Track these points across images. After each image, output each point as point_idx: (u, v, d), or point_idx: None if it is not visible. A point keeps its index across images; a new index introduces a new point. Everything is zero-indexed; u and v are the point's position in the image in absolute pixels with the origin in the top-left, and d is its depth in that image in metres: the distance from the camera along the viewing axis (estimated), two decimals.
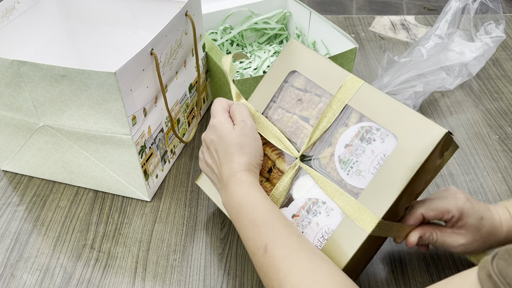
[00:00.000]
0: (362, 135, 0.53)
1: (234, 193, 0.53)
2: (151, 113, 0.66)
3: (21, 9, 0.76)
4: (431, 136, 0.48)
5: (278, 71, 0.61)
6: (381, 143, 0.52)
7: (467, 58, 0.92)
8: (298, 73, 0.60)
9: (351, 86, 0.55)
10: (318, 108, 0.58)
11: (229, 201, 0.54)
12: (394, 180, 0.49)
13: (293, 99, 0.60)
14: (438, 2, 2.91)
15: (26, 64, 0.57)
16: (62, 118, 0.63)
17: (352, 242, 0.50)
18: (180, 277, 0.61)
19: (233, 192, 0.53)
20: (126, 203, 0.71)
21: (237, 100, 0.62)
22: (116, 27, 0.85)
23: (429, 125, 0.49)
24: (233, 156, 0.55)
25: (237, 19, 0.99)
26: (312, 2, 2.89)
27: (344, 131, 0.54)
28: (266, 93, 0.61)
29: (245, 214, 0.51)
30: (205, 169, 0.60)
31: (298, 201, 0.56)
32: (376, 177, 0.51)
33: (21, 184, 0.74)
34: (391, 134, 0.51)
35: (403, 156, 0.49)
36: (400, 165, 0.49)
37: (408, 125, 0.50)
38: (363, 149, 0.53)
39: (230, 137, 0.55)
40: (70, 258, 0.63)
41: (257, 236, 0.50)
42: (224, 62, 0.64)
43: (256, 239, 0.50)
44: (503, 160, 0.78)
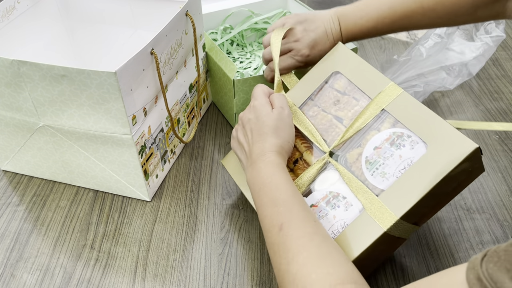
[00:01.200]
0: (393, 140, 0.55)
1: (261, 171, 0.54)
2: (151, 113, 0.66)
3: (21, 9, 0.76)
4: (462, 148, 0.49)
5: (321, 71, 0.65)
6: (410, 150, 0.54)
7: (467, 57, 0.92)
8: (341, 75, 0.63)
9: (391, 93, 0.58)
10: (354, 111, 0.61)
11: (254, 178, 0.55)
12: (417, 185, 0.50)
13: (330, 99, 0.63)
14: None
15: (26, 64, 0.57)
16: (62, 118, 0.62)
17: (367, 237, 0.52)
18: (180, 277, 0.61)
19: (259, 170, 0.55)
20: (126, 203, 0.71)
21: (277, 90, 0.66)
22: (116, 27, 0.85)
23: (461, 138, 0.50)
24: (266, 136, 0.57)
25: (237, 19, 0.99)
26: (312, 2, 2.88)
27: (375, 134, 0.57)
28: (305, 90, 0.65)
29: (267, 192, 0.53)
30: (236, 146, 0.62)
31: (319, 193, 0.58)
32: (399, 180, 0.52)
33: (21, 184, 0.74)
34: (422, 142, 0.53)
35: (431, 164, 0.51)
36: (426, 171, 0.51)
37: (440, 135, 0.51)
38: (392, 153, 0.55)
39: (267, 118, 0.58)
40: (70, 258, 0.63)
41: (275, 214, 0.51)
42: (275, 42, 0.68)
43: (273, 217, 0.50)
44: (503, 160, 0.78)
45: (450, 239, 0.65)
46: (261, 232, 0.66)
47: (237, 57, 0.96)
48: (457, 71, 0.91)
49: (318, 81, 0.64)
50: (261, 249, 0.64)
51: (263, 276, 0.61)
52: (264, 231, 0.52)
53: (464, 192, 0.72)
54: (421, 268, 0.61)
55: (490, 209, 0.69)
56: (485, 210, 0.69)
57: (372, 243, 0.51)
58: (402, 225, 0.52)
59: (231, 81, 0.75)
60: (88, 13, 0.85)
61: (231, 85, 0.76)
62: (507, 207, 0.69)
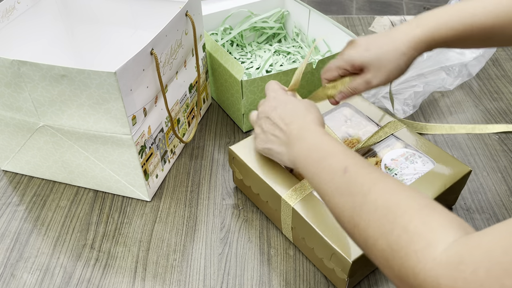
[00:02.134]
0: (407, 156, 0.67)
1: (308, 138, 0.53)
2: (151, 113, 0.66)
3: (21, 9, 0.76)
4: (462, 168, 0.64)
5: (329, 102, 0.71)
6: (422, 165, 0.65)
7: (467, 58, 0.92)
8: (349, 105, 0.75)
9: (396, 125, 0.70)
10: (365, 130, 0.71)
11: (300, 148, 0.53)
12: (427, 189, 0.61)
13: (340, 119, 0.73)
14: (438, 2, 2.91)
15: (26, 64, 0.57)
16: (62, 118, 0.63)
17: None
18: (180, 277, 0.61)
19: (306, 137, 0.53)
20: (126, 203, 0.71)
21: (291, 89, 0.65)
22: (116, 27, 0.85)
23: (458, 162, 0.65)
24: (302, 113, 0.56)
25: (236, 19, 0.99)
26: (312, 2, 2.89)
27: (390, 150, 0.68)
28: None
29: (322, 154, 0.50)
30: (264, 138, 0.59)
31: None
32: (415, 183, 0.62)
33: (21, 184, 0.74)
34: (431, 161, 0.65)
35: (438, 175, 0.63)
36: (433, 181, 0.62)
37: (443, 159, 0.65)
38: (407, 166, 0.65)
39: (294, 101, 0.58)
40: (70, 258, 0.63)
41: (334, 162, 0.47)
42: None
43: (333, 164, 0.47)
44: (503, 160, 0.78)
45: None
46: (261, 232, 0.66)
47: (238, 57, 0.96)
48: (457, 71, 0.91)
49: (327, 107, 0.73)
50: (261, 249, 0.64)
51: (263, 276, 0.61)
52: (321, 184, 0.48)
53: (464, 192, 0.72)
54: None
55: (490, 209, 0.69)
56: (485, 210, 0.69)
57: None
58: None
59: (238, 82, 0.75)
60: (88, 13, 0.85)
61: (238, 86, 0.76)
62: (507, 207, 0.69)
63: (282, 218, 0.62)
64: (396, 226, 0.38)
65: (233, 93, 0.80)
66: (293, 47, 0.99)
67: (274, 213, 0.64)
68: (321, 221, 0.56)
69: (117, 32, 0.86)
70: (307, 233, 0.58)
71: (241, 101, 0.78)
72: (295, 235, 0.62)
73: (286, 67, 0.91)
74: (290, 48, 0.97)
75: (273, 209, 0.64)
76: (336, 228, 0.55)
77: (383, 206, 0.41)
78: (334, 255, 0.54)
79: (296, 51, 0.97)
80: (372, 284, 0.60)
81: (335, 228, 0.55)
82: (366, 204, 0.42)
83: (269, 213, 0.66)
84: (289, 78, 0.79)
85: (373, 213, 0.41)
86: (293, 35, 1.01)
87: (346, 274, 0.54)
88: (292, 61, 0.94)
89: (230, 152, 0.68)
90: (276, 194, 0.61)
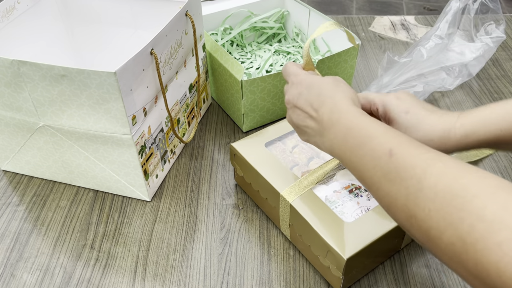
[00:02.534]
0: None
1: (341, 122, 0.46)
2: (151, 113, 0.66)
3: (21, 9, 0.76)
4: None
5: None
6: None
7: (467, 58, 0.92)
8: None
9: None
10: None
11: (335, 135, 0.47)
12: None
13: None
14: (438, 2, 2.91)
15: (26, 64, 0.57)
16: (62, 118, 0.63)
17: None
18: (180, 277, 0.61)
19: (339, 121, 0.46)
20: (126, 203, 0.71)
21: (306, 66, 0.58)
22: (116, 27, 0.85)
23: None
24: (330, 93, 0.49)
25: (236, 19, 0.99)
26: (312, 2, 2.89)
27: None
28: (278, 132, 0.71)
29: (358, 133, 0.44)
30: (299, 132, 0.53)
31: (340, 183, 0.63)
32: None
33: (21, 184, 0.74)
34: None
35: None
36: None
37: None
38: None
39: (320, 81, 0.51)
40: (70, 258, 0.63)
41: (376, 145, 0.42)
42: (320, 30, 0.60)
43: (375, 148, 0.41)
44: (503, 160, 0.78)
45: None
46: (261, 232, 0.66)
47: (238, 57, 0.96)
48: (457, 71, 0.91)
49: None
50: (261, 249, 0.64)
51: (263, 276, 0.61)
52: (364, 171, 0.42)
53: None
54: (421, 268, 0.61)
55: None
56: None
57: None
58: None
59: (238, 82, 0.75)
60: (88, 13, 0.85)
61: (238, 86, 0.76)
62: None
63: (281, 215, 0.63)
64: (467, 213, 0.32)
65: (233, 93, 0.80)
66: (293, 47, 0.99)
67: (273, 211, 0.64)
68: (318, 218, 0.57)
69: (117, 32, 0.86)
70: (304, 230, 0.58)
71: (241, 101, 0.78)
72: (293, 233, 0.62)
73: None
74: (290, 48, 0.97)
75: (272, 206, 0.64)
76: (332, 225, 0.56)
77: (445, 191, 0.34)
78: (330, 252, 0.54)
79: (296, 51, 0.97)
80: (372, 284, 0.60)
81: (332, 225, 0.56)
82: (423, 190, 0.36)
83: (269, 211, 0.66)
84: None
85: (433, 200, 0.35)
86: (293, 35, 1.01)
87: (340, 272, 0.54)
88: (292, 61, 0.94)
89: (231, 149, 0.68)
90: (275, 191, 0.61)
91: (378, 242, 0.55)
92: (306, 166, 0.65)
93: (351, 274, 0.56)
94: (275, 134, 0.70)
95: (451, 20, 0.89)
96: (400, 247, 0.62)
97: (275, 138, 0.69)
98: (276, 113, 0.83)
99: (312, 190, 0.60)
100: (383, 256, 0.61)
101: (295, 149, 0.68)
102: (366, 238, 0.54)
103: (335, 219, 0.56)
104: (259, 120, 0.83)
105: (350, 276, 0.56)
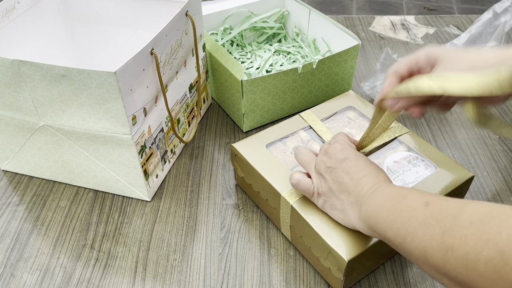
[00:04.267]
0: (409, 159, 0.66)
1: (382, 191, 0.49)
2: (151, 113, 0.66)
3: (21, 9, 0.76)
4: (464, 173, 0.63)
5: (335, 104, 0.75)
6: (424, 169, 0.65)
7: None
8: (354, 108, 0.75)
9: (401, 130, 0.70)
10: None
11: (373, 202, 0.49)
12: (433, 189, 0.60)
13: (344, 121, 0.73)
14: (438, 2, 2.91)
15: (26, 64, 0.57)
16: (62, 117, 0.63)
17: None
18: (180, 277, 0.61)
19: (380, 191, 0.49)
20: (126, 203, 0.71)
21: (360, 147, 0.62)
22: (116, 27, 0.85)
23: (461, 168, 0.64)
24: (375, 170, 0.53)
25: (236, 19, 0.99)
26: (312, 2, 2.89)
27: (392, 153, 0.67)
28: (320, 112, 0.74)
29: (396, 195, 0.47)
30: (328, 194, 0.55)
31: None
32: (417, 185, 0.61)
33: (21, 184, 0.74)
34: (433, 166, 0.65)
35: (441, 180, 0.62)
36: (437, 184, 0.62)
37: (446, 164, 0.64)
38: (409, 168, 0.65)
39: (365, 157, 0.55)
40: (70, 258, 0.63)
41: (412, 201, 0.44)
42: None
43: (412, 203, 0.43)
44: (503, 160, 0.78)
45: None
46: (261, 232, 0.66)
47: (238, 57, 0.96)
48: None
49: (331, 110, 0.74)
50: (261, 249, 0.64)
51: (263, 276, 0.61)
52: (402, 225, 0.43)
53: None
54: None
55: None
56: None
57: None
58: None
59: (239, 82, 0.75)
60: (88, 13, 0.85)
61: (239, 86, 0.76)
62: None
63: (281, 216, 0.62)
64: (504, 228, 0.33)
65: (233, 93, 0.80)
66: (293, 47, 0.99)
67: (273, 212, 0.64)
68: (319, 219, 0.57)
69: (117, 32, 0.86)
70: (304, 231, 0.58)
71: (241, 101, 0.78)
72: (293, 234, 0.62)
73: (286, 67, 0.91)
74: (290, 48, 0.97)
75: (272, 207, 0.64)
76: (333, 226, 0.56)
77: (481, 219, 0.35)
78: (331, 253, 0.54)
79: (296, 51, 0.97)
80: (372, 285, 0.60)
81: (333, 227, 0.56)
82: (458, 222, 0.37)
83: (269, 212, 0.66)
84: (289, 78, 0.79)
85: (469, 227, 0.35)
86: (293, 35, 1.01)
87: (342, 273, 0.54)
88: (292, 61, 0.94)
89: (232, 150, 0.68)
90: (275, 192, 0.61)
91: (379, 243, 0.55)
92: None
93: (352, 275, 0.56)
94: (276, 135, 0.70)
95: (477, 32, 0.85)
96: None
97: (276, 139, 0.69)
98: (276, 113, 0.83)
99: None
100: (384, 257, 0.61)
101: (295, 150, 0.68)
102: (368, 240, 0.54)
103: (336, 221, 0.56)
104: (259, 120, 0.83)
105: (351, 277, 0.56)
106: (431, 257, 0.38)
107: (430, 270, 0.40)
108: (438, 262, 0.38)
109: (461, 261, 0.35)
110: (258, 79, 0.76)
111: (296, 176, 0.58)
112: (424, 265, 0.40)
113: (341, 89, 0.88)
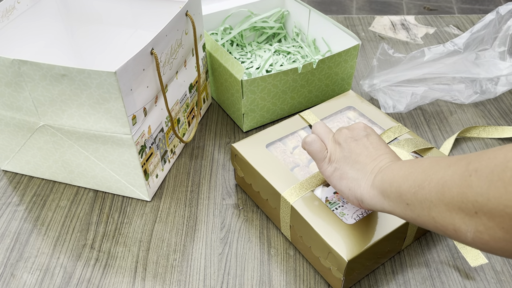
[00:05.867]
0: None
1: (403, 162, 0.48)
2: (151, 112, 0.66)
3: (21, 9, 0.76)
4: None
5: (335, 104, 0.75)
6: None
7: (492, 75, 0.87)
8: (354, 109, 0.75)
9: (398, 130, 0.70)
10: None
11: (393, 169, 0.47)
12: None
13: (344, 121, 0.73)
14: (438, 2, 2.91)
15: (26, 64, 0.57)
16: (62, 117, 0.63)
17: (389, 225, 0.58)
18: (180, 277, 0.61)
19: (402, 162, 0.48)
20: (126, 203, 0.71)
21: None
22: (116, 27, 0.85)
23: None
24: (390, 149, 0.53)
25: (236, 19, 0.99)
26: (312, 2, 2.89)
27: None
28: (319, 113, 0.74)
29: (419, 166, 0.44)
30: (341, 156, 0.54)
31: None
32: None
33: (21, 184, 0.74)
34: None
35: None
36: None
37: None
38: None
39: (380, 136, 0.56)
40: (70, 258, 0.63)
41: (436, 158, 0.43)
42: None
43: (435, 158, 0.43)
44: None
45: (450, 239, 0.65)
46: (261, 232, 0.66)
47: (238, 57, 0.96)
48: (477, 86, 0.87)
49: (331, 110, 0.74)
50: (261, 249, 0.64)
51: (263, 276, 0.61)
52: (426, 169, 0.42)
53: None
54: (422, 268, 0.61)
55: None
56: None
57: None
58: None
59: (239, 82, 0.75)
60: (88, 13, 0.85)
61: (239, 85, 0.76)
62: None
63: (281, 216, 0.62)
64: None
65: (233, 93, 0.80)
66: (293, 47, 0.99)
67: (273, 212, 0.64)
68: (319, 219, 0.57)
69: (117, 32, 0.86)
70: (304, 231, 0.58)
71: (241, 101, 0.78)
72: (293, 234, 0.62)
73: (286, 67, 0.91)
74: (290, 48, 0.97)
75: (272, 207, 0.64)
76: (333, 227, 0.56)
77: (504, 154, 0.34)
78: (331, 253, 0.54)
79: (296, 51, 0.97)
80: (372, 285, 0.60)
81: (333, 227, 0.56)
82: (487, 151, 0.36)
83: (269, 212, 0.66)
84: (289, 78, 0.79)
85: (499, 149, 0.34)
86: (293, 35, 1.01)
87: (342, 273, 0.54)
88: (292, 61, 0.94)
89: (232, 150, 0.68)
90: (275, 192, 0.61)
91: (379, 243, 0.55)
92: (307, 167, 0.65)
93: (352, 275, 0.56)
94: (276, 134, 0.70)
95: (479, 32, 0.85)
96: (401, 248, 0.62)
97: (276, 139, 0.69)
98: (276, 113, 0.83)
99: (313, 192, 0.60)
100: (384, 257, 0.61)
101: (295, 150, 0.68)
102: (367, 240, 0.54)
103: (336, 221, 0.56)
104: (259, 120, 0.83)
105: (351, 277, 0.56)
106: (449, 190, 0.37)
107: (442, 212, 0.38)
108: (456, 192, 0.36)
109: (485, 178, 0.34)
110: (258, 79, 0.76)
111: (313, 136, 0.57)
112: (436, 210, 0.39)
113: (341, 89, 0.88)
